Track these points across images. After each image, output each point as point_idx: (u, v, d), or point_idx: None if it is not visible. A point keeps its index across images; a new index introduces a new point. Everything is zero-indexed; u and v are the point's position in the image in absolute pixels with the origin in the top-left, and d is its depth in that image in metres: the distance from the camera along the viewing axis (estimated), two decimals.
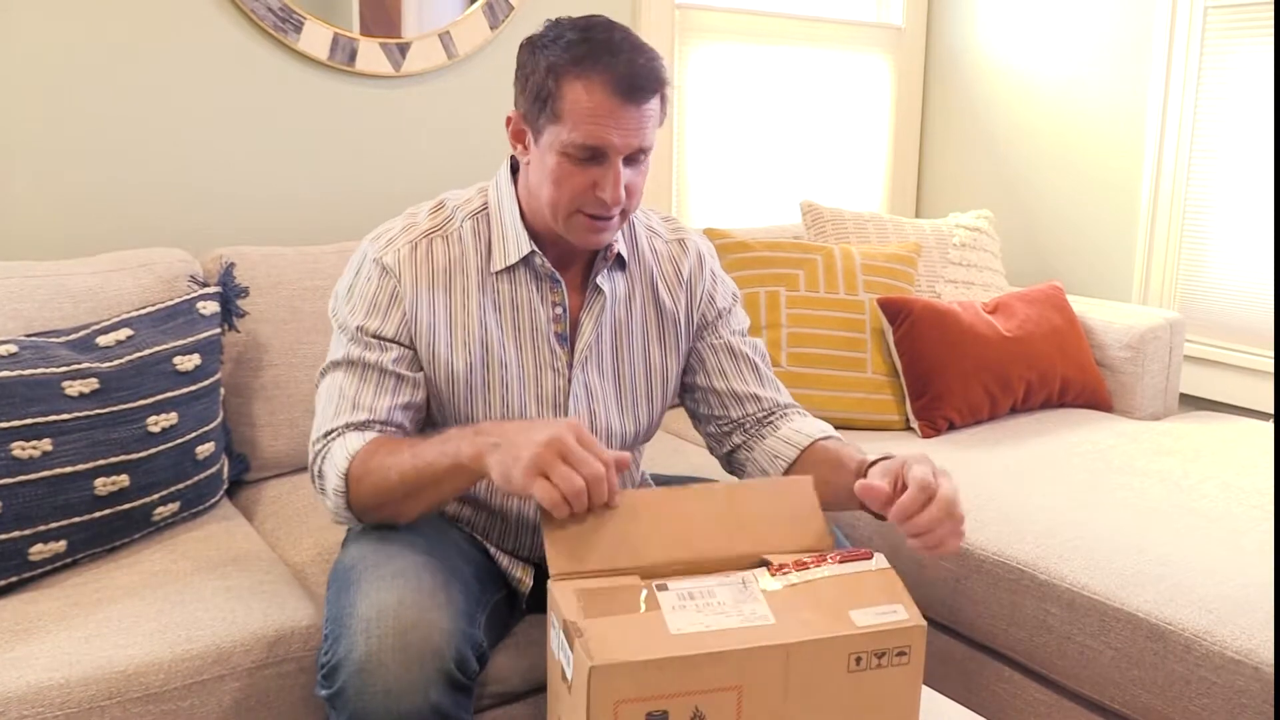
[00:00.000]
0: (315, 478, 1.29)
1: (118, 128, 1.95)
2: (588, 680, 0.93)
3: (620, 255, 1.37)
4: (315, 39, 2.10)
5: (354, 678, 1.07)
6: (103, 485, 1.46)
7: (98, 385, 1.47)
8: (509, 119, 1.30)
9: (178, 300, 1.68)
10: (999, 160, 2.93)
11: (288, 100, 2.12)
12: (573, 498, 1.04)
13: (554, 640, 1.07)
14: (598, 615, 0.97)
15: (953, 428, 2.18)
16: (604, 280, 1.35)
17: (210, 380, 1.65)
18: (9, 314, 1.59)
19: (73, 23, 1.88)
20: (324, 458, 1.26)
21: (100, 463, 1.45)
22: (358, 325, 1.29)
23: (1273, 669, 1.34)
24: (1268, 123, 2.35)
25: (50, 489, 1.41)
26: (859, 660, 1.01)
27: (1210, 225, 2.50)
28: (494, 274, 1.32)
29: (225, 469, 1.73)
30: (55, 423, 1.42)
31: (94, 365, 1.49)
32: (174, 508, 1.59)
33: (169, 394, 1.56)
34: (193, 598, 1.38)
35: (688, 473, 1.73)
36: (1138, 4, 2.57)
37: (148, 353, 1.56)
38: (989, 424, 2.22)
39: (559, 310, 1.34)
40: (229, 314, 1.74)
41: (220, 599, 1.38)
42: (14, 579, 1.39)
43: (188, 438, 1.58)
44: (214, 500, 1.69)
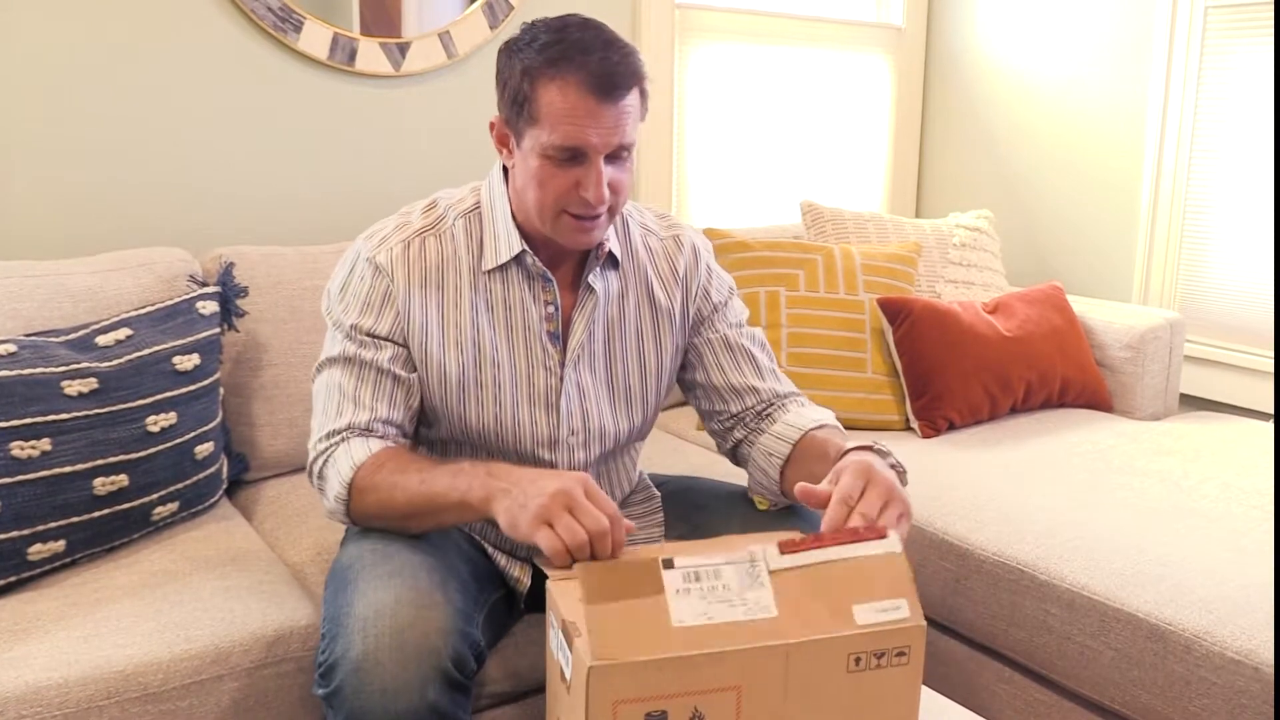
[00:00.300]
0: (315, 478, 1.29)
1: (117, 127, 1.95)
2: (586, 680, 0.93)
3: (613, 254, 1.37)
4: (315, 39, 2.10)
5: (351, 677, 1.07)
6: (102, 485, 1.46)
7: (97, 385, 1.47)
8: (492, 124, 1.30)
9: (177, 300, 1.68)
10: (999, 160, 2.93)
11: (287, 100, 2.12)
12: (575, 549, 1.04)
13: (553, 640, 1.06)
14: (601, 601, 0.96)
15: (953, 428, 2.18)
16: (596, 279, 1.35)
17: (209, 380, 1.64)
18: (8, 313, 1.59)
19: (72, 22, 1.88)
20: (327, 461, 1.26)
21: (99, 462, 1.45)
22: (352, 324, 1.29)
23: (1273, 669, 1.34)
24: (1268, 123, 2.35)
25: (49, 489, 1.41)
26: (858, 660, 1.01)
27: (1211, 225, 2.50)
28: (486, 273, 1.32)
29: (224, 469, 1.73)
30: (54, 422, 1.42)
31: (93, 365, 1.49)
32: (173, 507, 1.59)
33: (168, 394, 1.56)
34: (191, 597, 1.38)
35: (687, 472, 1.73)
36: (1138, 4, 2.57)
37: (147, 352, 1.56)
38: (989, 424, 2.22)
39: (551, 309, 1.34)
40: (228, 314, 1.74)
41: (219, 599, 1.38)
42: (13, 579, 1.39)
43: (187, 437, 1.58)
44: (213, 500, 1.69)
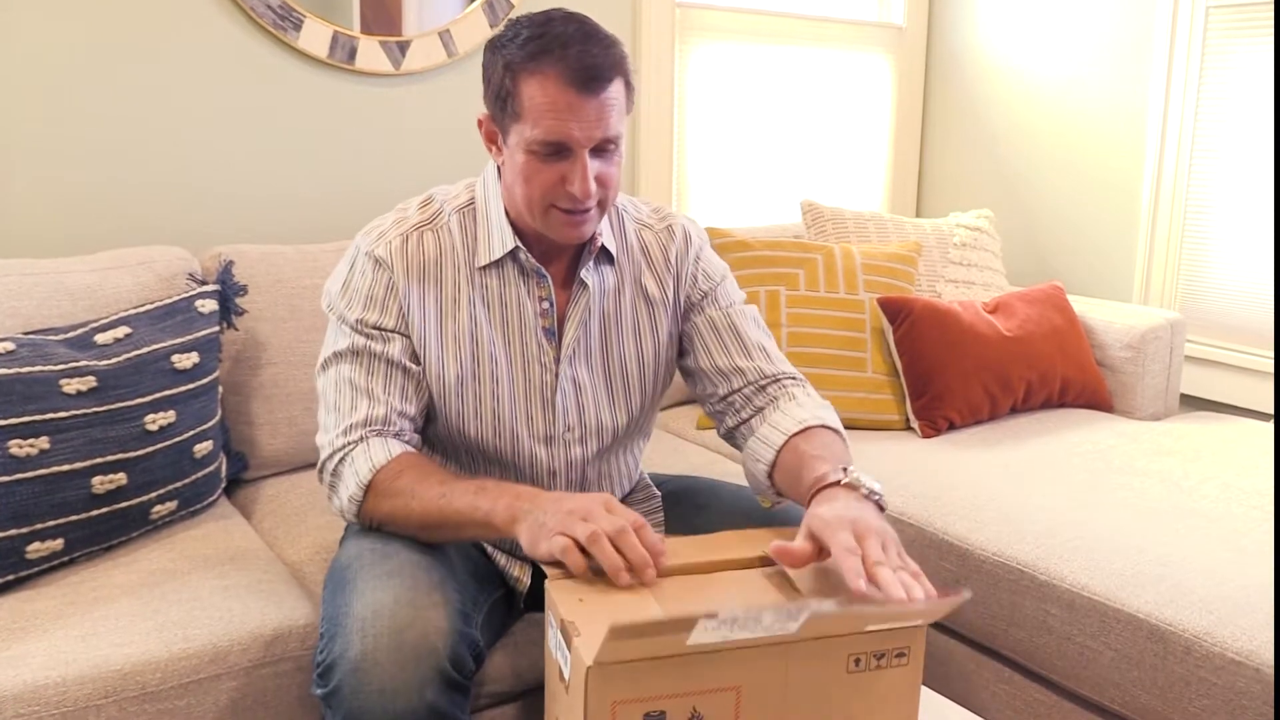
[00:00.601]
0: (328, 475, 1.27)
1: (117, 126, 1.95)
2: (585, 680, 0.92)
3: (607, 249, 1.37)
4: (315, 37, 2.10)
5: (349, 677, 1.07)
6: (100, 483, 1.45)
7: (95, 383, 1.47)
8: (480, 121, 1.30)
9: (176, 298, 1.67)
10: (1000, 160, 2.93)
11: (287, 98, 2.11)
12: (588, 542, 1.04)
13: (551, 640, 1.06)
14: (625, 639, 0.90)
15: (953, 427, 2.18)
16: (589, 274, 1.35)
17: (208, 378, 1.64)
18: (7, 311, 1.58)
19: (72, 21, 1.88)
20: (343, 460, 1.25)
21: (98, 461, 1.45)
22: (357, 318, 1.29)
23: (1273, 670, 1.33)
24: (1269, 123, 2.34)
25: (47, 487, 1.40)
26: (858, 661, 1.00)
27: (1211, 225, 2.49)
28: (481, 269, 1.32)
29: (223, 467, 1.73)
30: (53, 420, 1.41)
31: (92, 363, 1.48)
32: (172, 506, 1.58)
33: (167, 392, 1.55)
34: (190, 596, 1.38)
35: (687, 472, 1.73)
36: (1139, 4, 2.56)
37: (146, 351, 1.55)
38: (989, 424, 2.21)
39: (545, 305, 1.34)
40: (228, 312, 1.74)
41: (218, 598, 1.38)
42: (11, 577, 1.39)
43: (186, 436, 1.58)
44: (212, 499, 1.69)
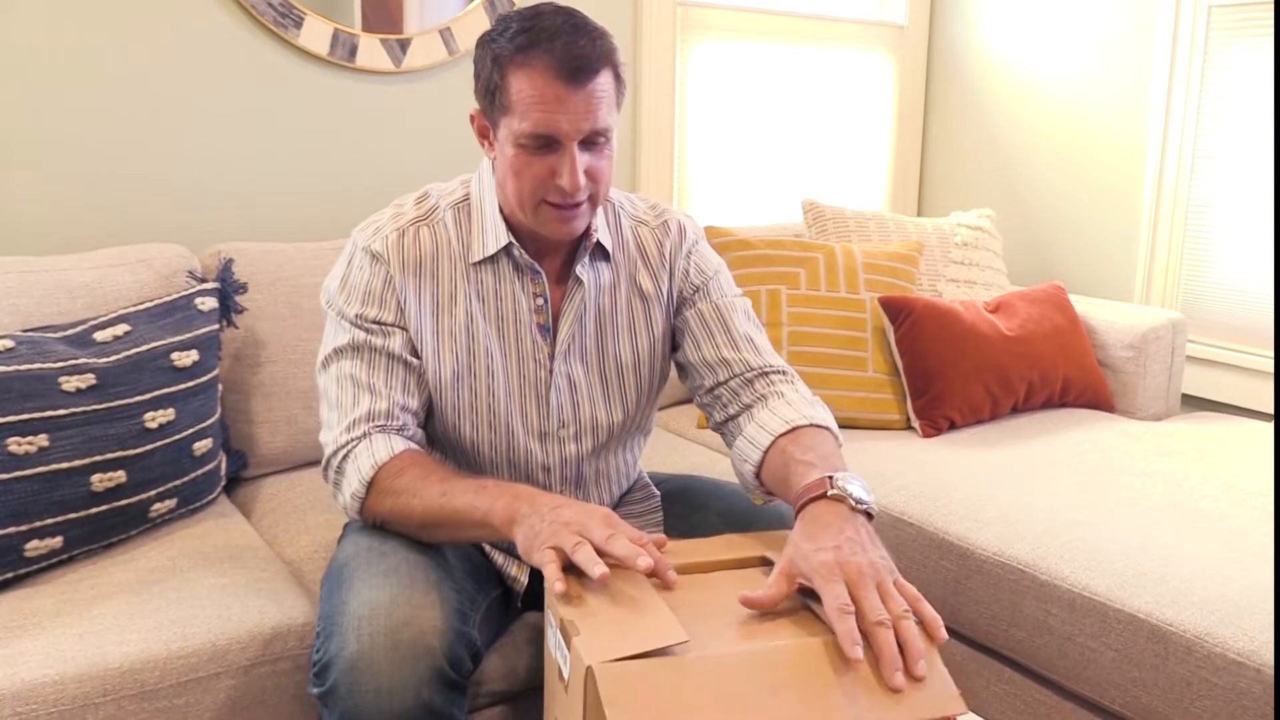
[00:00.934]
0: (332, 472, 1.27)
1: (116, 123, 1.95)
2: (585, 679, 0.92)
3: (602, 245, 1.37)
4: (315, 35, 2.09)
5: (345, 676, 1.07)
6: (99, 481, 1.45)
7: (95, 381, 1.47)
8: (472, 116, 1.31)
9: (176, 296, 1.67)
10: (1001, 159, 2.92)
11: (288, 96, 2.11)
12: (572, 552, 1.03)
13: (551, 639, 1.06)
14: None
15: (953, 427, 2.17)
16: (584, 270, 1.35)
17: (208, 376, 1.64)
18: (6, 309, 1.58)
19: (72, 19, 1.87)
20: (347, 456, 1.25)
21: (97, 459, 1.45)
22: (357, 313, 1.29)
23: (1273, 671, 1.33)
24: (1270, 123, 2.34)
25: (46, 485, 1.40)
26: None
27: (1213, 225, 2.49)
28: (475, 265, 1.32)
29: (223, 465, 1.73)
30: (52, 418, 1.41)
31: (91, 361, 1.48)
32: (171, 504, 1.58)
33: (166, 390, 1.55)
34: (189, 595, 1.37)
35: (687, 472, 1.73)
36: (1141, 3, 2.56)
37: (145, 348, 1.55)
38: (990, 424, 2.21)
39: (540, 301, 1.34)
40: (227, 310, 1.73)
41: (216, 596, 1.37)
42: (9, 575, 1.39)
43: (185, 434, 1.58)
44: (211, 497, 1.69)
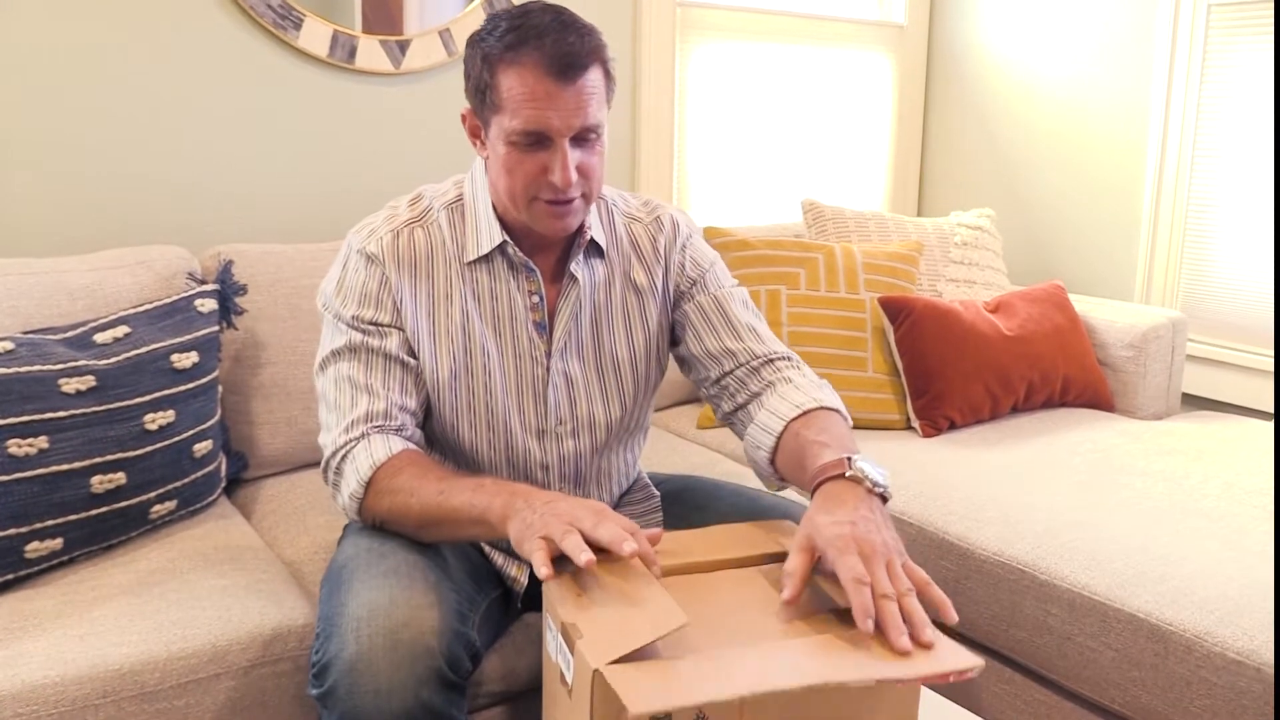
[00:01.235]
0: (331, 473, 1.27)
1: (116, 125, 1.95)
2: (591, 683, 0.92)
3: (596, 242, 1.37)
4: (315, 36, 2.09)
5: (344, 677, 1.07)
6: (99, 483, 1.45)
7: (95, 382, 1.47)
8: (463, 116, 1.31)
9: (176, 298, 1.67)
10: (1001, 159, 2.92)
11: (287, 98, 2.11)
12: (560, 539, 1.02)
13: (551, 644, 1.05)
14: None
15: (953, 427, 2.17)
16: (579, 267, 1.35)
17: (208, 378, 1.64)
18: (6, 311, 1.58)
19: (71, 20, 1.87)
20: (345, 457, 1.25)
21: (97, 460, 1.45)
22: (353, 315, 1.29)
23: (1273, 669, 1.33)
24: (1270, 121, 2.34)
25: (46, 487, 1.40)
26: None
27: (1213, 224, 2.49)
28: (471, 264, 1.33)
29: (223, 467, 1.73)
30: (52, 420, 1.41)
31: (91, 362, 1.48)
32: (171, 506, 1.58)
33: (166, 391, 1.55)
34: (189, 596, 1.37)
35: (687, 472, 1.73)
36: (1140, 2, 2.56)
37: (145, 350, 1.55)
38: (990, 423, 2.21)
39: (535, 299, 1.34)
40: (227, 311, 1.74)
41: (216, 597, 1.37)
42: (10, 577, 1.39)
43: (185, 435, 1.58)
44: (211, 498, 1.69)
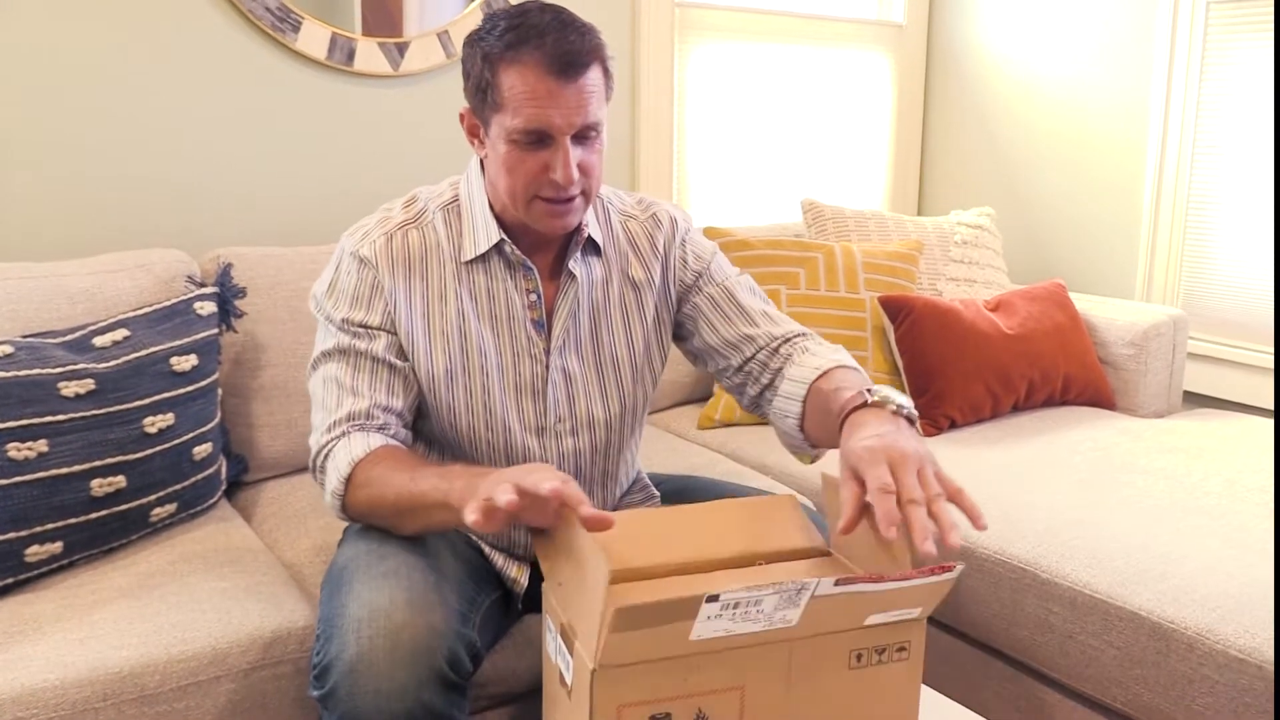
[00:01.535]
0: (317, 472, 1.29)
1: (115, 128, 1.95)
2: (590, 683, 0.92)
3: (593, 240, 1.37)
4: (313, 39, 2.10)
5: (345, 678, 1.07)
6: (99, 486, 1.45)
7: (94, 386, 1.47)
8: (462, 115, 1.31)
9: (175, 301, 1.67)
10: (1001, 157, 2.92)
11: (286, 100, 2.11)
12: (495, 493, 1.00)
13: (550, 644, 1.06)
14: (626, 630, 0.89)
15: (954, 426, 2.17)
16: (576, 265, 1.36)
17: (208, 381, 1.64)
18: (6, 315, 1.58)
19: (70, 22, 1.88)
20: (327, 455, 1.26)
21: (97, 464, 1.45)
22: (343, 317, 1.30)
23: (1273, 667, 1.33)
24: (1269, 119, 2.33)
25: (46, 490, 1.40)
26: (859, 657, 1.00)
27: (1213, 221, 2.48)
28: (468, 264, 1.33)
29: (223, 470, 1.73)
30: (51, 424, 1.41)
31: (90, 366, 1.48)
32: (171, 509, 1.58)
33: (166, 394, 1.55)
34: (189, 599, 1.37)
35: (687, 472, 1.73)
36: (1140, 0, 2.55)
37: (145, 353, 1.55)
38: (991, 422, 2.21)
39: (533, 298, 1.35)
40: (227, 314, 1.74)
41: (216, 600, 1.37)
42: (10, 580, 1.39)
43: (185, 438, 1.58)
44: (212, 501, 1.69)
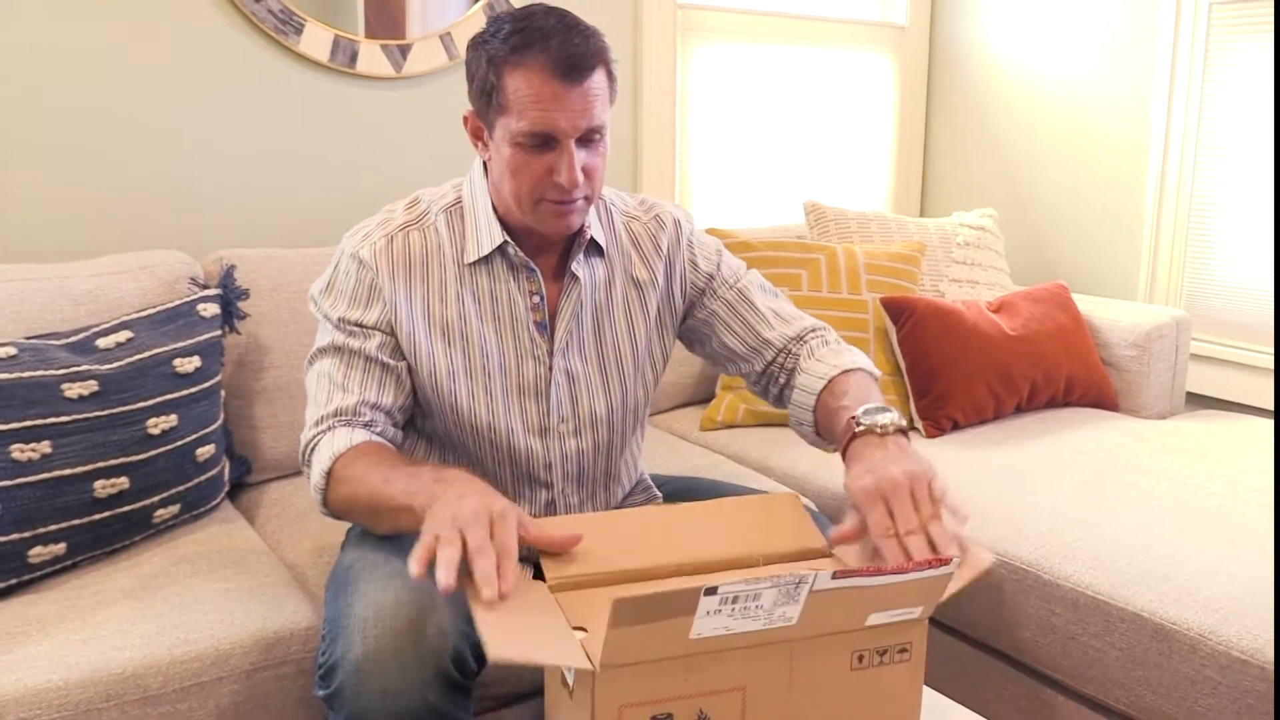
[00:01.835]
0: (304, 467, 1.30)
1: (118, 130, 1.95)
2: (591, 684, 0.92)
3: (596, 241, 1.38)
4: (316, 41, 2.10)
5: (351, 677, 1.07)
6: (102, 488, 1.46)
7: (97, 387, 1.47)
8: (466, 118, 1.32)
9: (178, 302, 1.68)
10: (1003, 159, 2.92)
11: (289, 102, 2.12)
12: (439, 549, 0.99)
13: None
14: (626, 625, 0.90)
15: (957, 427, 2.17)
16: (579, 266, 1.36)
17: (211, 382, 1.64)
18: (9, 316, 1.59)
19: (73, 24, 1.88)
20: (313, 449, 1.27)
21: (100, 465, 1.45)
22: (340, 316, 1.31)
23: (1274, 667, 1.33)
24: (1271, 119, 2.33)
25: (50, 491, 1.40)
26: (861, 658, 1.00)
27: (1216, 223, 2.48)
28: (470, 266, 1.33)
29: (226, 471, 1.73)
30: (55, 425, 1.42)
31: (93, 367, 1.48)
32: (174, 510, 1.58)
33: (169, 396, 1.56)
34: (192, 600, 1.38)
35: (688, 473, 1.73)
36: (1141, 1, 2.55)
37: (148, 355, 1.56)
38: (993, 423, 2.21)
39: (537, 299, 1.35)
40: (229, 316, 1.74)
41: (219, 601, 1.38)
42: (14, 581, 1.39)
43: (188, 440, 1.58)
44: (215, 502, 1.69)
